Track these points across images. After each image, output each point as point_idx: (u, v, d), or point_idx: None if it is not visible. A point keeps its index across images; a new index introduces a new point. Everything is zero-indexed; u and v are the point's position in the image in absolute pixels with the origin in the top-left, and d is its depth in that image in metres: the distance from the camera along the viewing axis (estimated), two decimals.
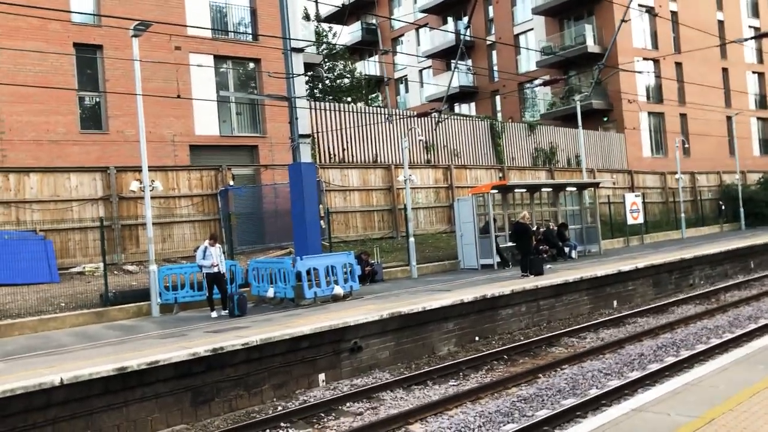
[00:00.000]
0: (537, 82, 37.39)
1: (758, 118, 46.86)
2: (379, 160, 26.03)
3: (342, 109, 26.23)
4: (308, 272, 14.75)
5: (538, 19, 41.00)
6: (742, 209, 34.74)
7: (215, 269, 14.40)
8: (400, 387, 10.69)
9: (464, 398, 9.77)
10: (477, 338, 13.91)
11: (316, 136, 23.86)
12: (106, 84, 20.57)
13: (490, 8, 44.93)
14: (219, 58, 23.03)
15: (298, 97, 15.39)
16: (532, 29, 41.92)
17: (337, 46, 39.54)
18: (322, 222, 18.75)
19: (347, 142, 25.71)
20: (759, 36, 24.59)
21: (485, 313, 14.28)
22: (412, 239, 19.72)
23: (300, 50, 15.65)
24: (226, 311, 14.29)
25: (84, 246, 18.10)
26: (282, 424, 9.17)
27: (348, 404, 9.97)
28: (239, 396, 10.19)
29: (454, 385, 10.70)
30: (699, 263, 21.02)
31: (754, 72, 46.95)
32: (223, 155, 22.02)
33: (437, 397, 9.90)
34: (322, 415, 9.54)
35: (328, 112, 25.48)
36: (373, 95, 42.78)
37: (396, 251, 22.16)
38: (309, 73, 29.80)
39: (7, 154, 18.91)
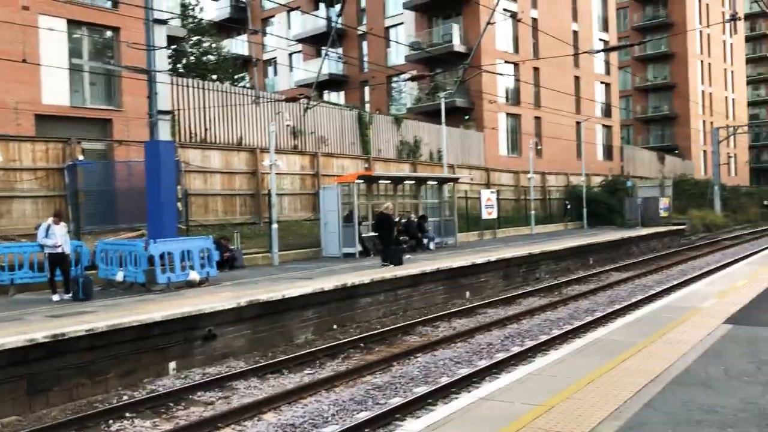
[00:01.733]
0: (405, 76, 38.13)
1: (603, 126, 50.74)
2: (243, 143, 25.37)
3: (206, 87, 25.25)
4: (162, 256, 14.10)
5: (408, 14, 41.77)
6: (585, 209, 37.46)
7: (59, 249, 13.41)
8: (254, 376, 10.51)
9: (319, 387, 9.77)
10: (335, 326, 13.97)
11: (176, 113, 22.82)
12: None
13: None
14: (73, 23, 21.34)
15: (159, 71, 14.62)
16: (402, 23, 42.66)
17: (203, 21, 38.03)
18: (179, 204, 17.98)
19: (210, 122, 24.82)
20: (607, 49, 26.66)
21: (345, 301, 14.38)
22: (275, 226, 19.44)
23: (163, 22, 14.87)
24: (70, 295, 13.34)
25: None
26: (127, 414, 8.71)
27: (199, 393, 9.66)
28: (81, 385, 9.55)
29: (309, 374, 10.67)
30: (545, 258, 22.40)
31: (601, 82, 50.75)
32: (74, 127, 20.46)
33: (292, 386, 9.83)
34: (171, 404, 9.18)
35: (190, 89, 24.42)
36: (240, 75, 41.60)
37: (258, 237, 21.75)
38: (172, 47, 28.43)
39: None
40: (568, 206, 39.05)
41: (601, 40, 50.30)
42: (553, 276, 22.17)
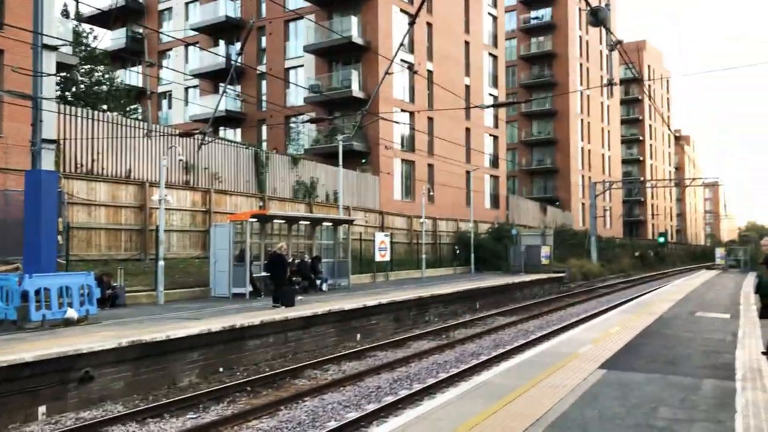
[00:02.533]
0: (304, 117, 38.39)
1: (491, 176, 53.00)
2: (132, 176, 24.47)
3: (96, 118, 24.26)
4: (38, 292, 13.26)
5: (308, 57, 42.28)
6: (473, 255, 38.72)
7: None
8: (133, 420, 10.00)
9: None
10: (222, 369, 13.57)
11: (62, 142, 21.76)
12: None
13: (264, 38, 45.29)
14: None
15: (46, 99, 13.96)
16: (302, 65, 43.09)
17: (97, 49, 36.72)
18: (59, 237, 17.02)
19: (98, 153, 23.80)
20: (497, 105, 28.16)
21: (233, 343, 14.02)
22: (161, 263, 18.75)
23: (53, 48, 14.28)
24: None
25: None
26: None
27: None
28: None
29: (192, 418, 10.29)
30: (434, 302, 22.90)
31: (490, 135, 53.18)
32: None
33: (174, 431, 9.44)
34: None
35: (79, 118, 23.38)
36: (133, 107, 40.33)
37: (143, 275, 20.89)
38: (62, 74, 27.24)
39: None
40: (458, 251, 40.25)
41: (491, 95, 52.94)
42: (442, 319, 22.65)
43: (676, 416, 6.79)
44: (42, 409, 10.12)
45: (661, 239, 72.47)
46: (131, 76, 47.65)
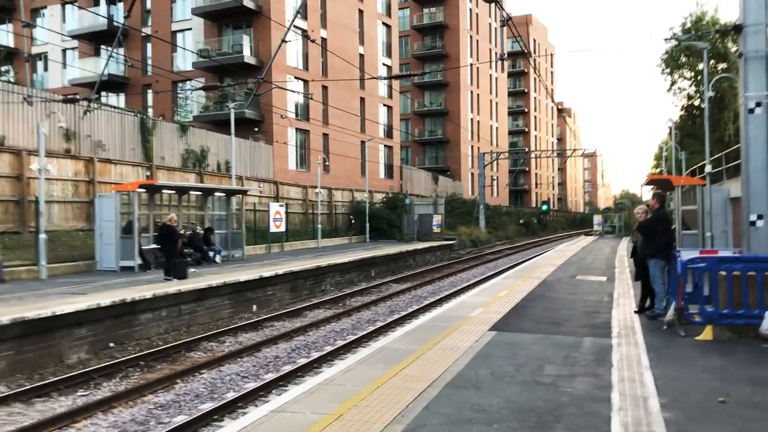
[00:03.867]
0: (194, 84, 37.06)
1: (385, 146, 53.54)
2: (6, 144, 22.82)
3: None
4: None
5: (197, 20, 40.73)
6: (368, 224, 39.19)
7: None
8: (17, 401, 9.54)
9: (95, 409, 9.16)
10: (112, 344, 13.14)
11: None
12: None
13: None
14: None
15: None
16: (190, 29, 41.45)
17: None
18: None
19: None
20: (391, 77, 28.40)
21: (123, 318, 13.59)
22: (42, 236, 17.72)
23: None
24: None
25: None
26: None
27: None
28: None
29: (83, 396, 9.95)
30: (331, 271, 23.09)
31: (384, 105, 53.58)
32: None
33: (63, 410, 9.10)
34: None
35: None
36: (4, 69, 37.36)
37: (22, 248, 19.67)
38: None
39: None
40: (353, 221, 40.60)
41: (384, 65, 53.22)
42: (338, 288, 22.90)
43: (560, 372, 7.31)
44: None
45: (544, 207, 76.30)
46: (0, 36, 44.03)
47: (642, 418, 5.68)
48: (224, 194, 25.27)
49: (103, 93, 43.28)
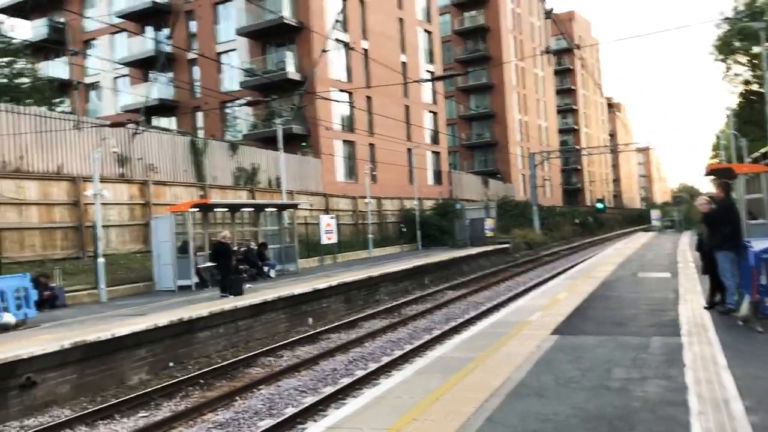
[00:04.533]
0: (240, 102, 37.63)
1: (432, 152, 53.22)
2: (64, 172, 23.50)
3: (20, 112, 23.13)
4: None
5: (241, 40, 41.35)
6: (419, 231, 38.92)
7: None
8: (82, 424, 9.66)
9: (155, 429, 9.19)
10: (172, 364, 13.24)
11: None
12: None
13: (192, 23, 44.02)
14: None
15: None
16: (235, 50, 42.10)
17: (14, 41, 34.95)
18: None
19: (25, 150, 22.75)
20: (435, 78, 28.21)
21: (182, 337, 13.68)
22: (101, 260, 18.12)
23: None
24: None
25: None
26: None
27: None
28: None
29: (144, 417, 10.00)
30: (384, 280, 22.91)
31: (429, 111, 53.30)
32: None
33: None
34: None
35: (1, 113, 22.28)
36: (59, 100, 38.64)
37: (82, 273, 20.16)
38: None
39: None
40: (403, 229, 40.38)
41: (428, 71, 52.95)
42: (392, 297, 22.70)
43: (630, 375, 6.91)
44: None
45: (599, 205, 74.49)
46: (55, 69, 45.62)
47: (725, 422, 5.27)
48: (275, 209, 25.44)
49: (156, 117, 44.36)
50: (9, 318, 13.26)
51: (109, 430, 9.44)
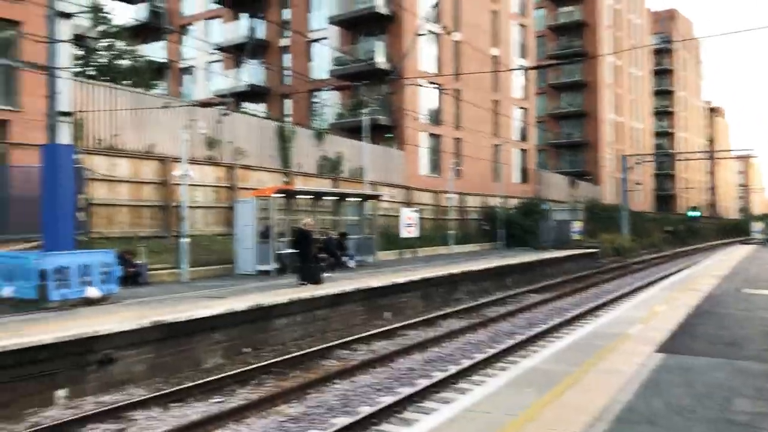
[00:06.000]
0: (327, 88, 37.64)
1: (519, 150, 51.77)
2: (154, 151, 23.95)
3: (116, 89, 23.69)
4: (57, 270, 12.79)
5: (332, 28, 41.30)
6: (503, 230, 37.84)
7: None
8: (156, 404, 9.49)
9: (228, 418, 8.89)
10: (248, 349, 13.03)
11: (82, 117, 21.27)
12: None
13: (286, 11, 44.36)
14: None
15: (60, 68, 13.36)
16: (326, 38, 42.11)
17: (114, 23, 36.12)
18: (81, 214, 16.58)
19: (120, 128, 23.31)
20: (528, 68, 27.08)
21: (258, 323, 13.47)
22: (185, 240, 18.25)
23: (68, 15, 13.64)
24: None
25: None
26: None
27: (91, 426, 8.59)
28: None
29: (217, 402, 9.75)
30: (464, 279, 22.16)
31: (519, 107, 51.84)
32: None
33: (197, 417, 8.89)
34: None
35: (100, 88, 22.88)
36: (155, 83, 39.77)
37: (166, 252, 20.42)
38: (80, 47, 26.73)
39: None
40: (486, 227, 39.38)
41: (520, 66, 51.49)
42: (472, 297, 21.93)
43: (757, 408, 6.01)
44: (61, 392, 9.65)
45: (693, 213, 70.72)
46: (152, 51, 47.06)
47: None
48: (358, 199, 25.11)
49: (246, 103, 45.03)
50: (93, 292, 13.39)
51: (181, 413, 9.23)
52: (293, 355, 12.52)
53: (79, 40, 22.42)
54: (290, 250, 19.70)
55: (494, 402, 6.24)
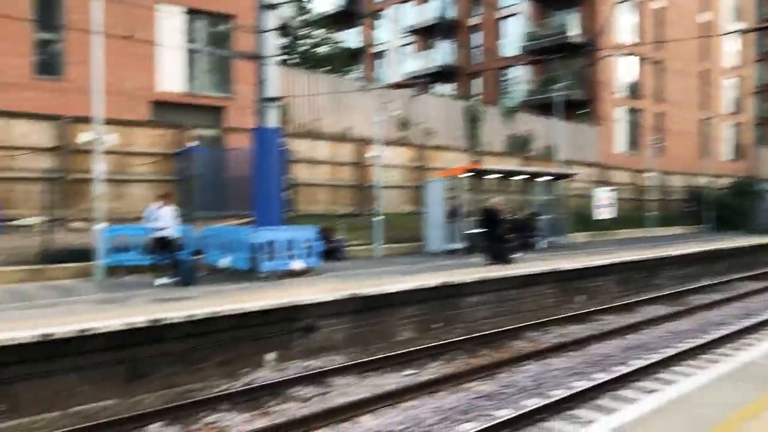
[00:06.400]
0: (517, 65, 36.84)
1: (731, 124, 47.01)
2: (350, 134, 25.11)
3: (315, 76, 25.17)
4: (266, 244, 13.93)
5: (524, 4, 40.25)
6: (713, 213, 34.74)
7: (165, 232, 13.41)
8: (352, 373, 10.01)
9: (420, 390, 9.12)
10: (438, 325, 13.27)
11: (286, 102, 22.86)
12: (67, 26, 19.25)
13: None
14: (191, 12, 21.80)
15: (268, 57, 14.41)
16: (515, 14, 41.18)
17: (314, 11, 38.25)
18: (287, 193, 17.87)
19: (319, 112, 24.75)
20: (742, 31, 24.38)
21: (448, 299, 13.65)
22: (379, 218, 18.98)
23: (274, 6, 14.65)
24: (175, 279, 13.35)
25: (29, 198, 16.95)
26: (221, 407, 8.42)
27: (295, 388, 9.26)
28: (179, 372, 9.39)
29: (410, 375, 10.05)
30: (666, 263, 20.70)
31: (731, 77, 46.99)
32: (187, 114, 20.92)
33: (392, 387, 9.23)
34: (268, 398, 8.82)
35: (301, 75, 24.43)
36: (349, 68, 41.64)
37: (360, 230, 21.37)
38: (284, 37, 28.65)
39: None
40: (690, 208, 36.40)
41: (735, 30, 46.54)
42: (675, 283, 20.42)
43: None
44: (271, 356, 10.52)
45: None
46: (348, 37, 49.24)
47: None
48: (548, 179, 24.40)
49: (436, 84, 45.55)
50: (297, 265, 14.40)
51: (376, 382, 9.64)
52: (483, 333, 12.53)
53: (283, 29, 24.04)
54: (478, 230, 19.68)
55: (705, 395, 5.75)
